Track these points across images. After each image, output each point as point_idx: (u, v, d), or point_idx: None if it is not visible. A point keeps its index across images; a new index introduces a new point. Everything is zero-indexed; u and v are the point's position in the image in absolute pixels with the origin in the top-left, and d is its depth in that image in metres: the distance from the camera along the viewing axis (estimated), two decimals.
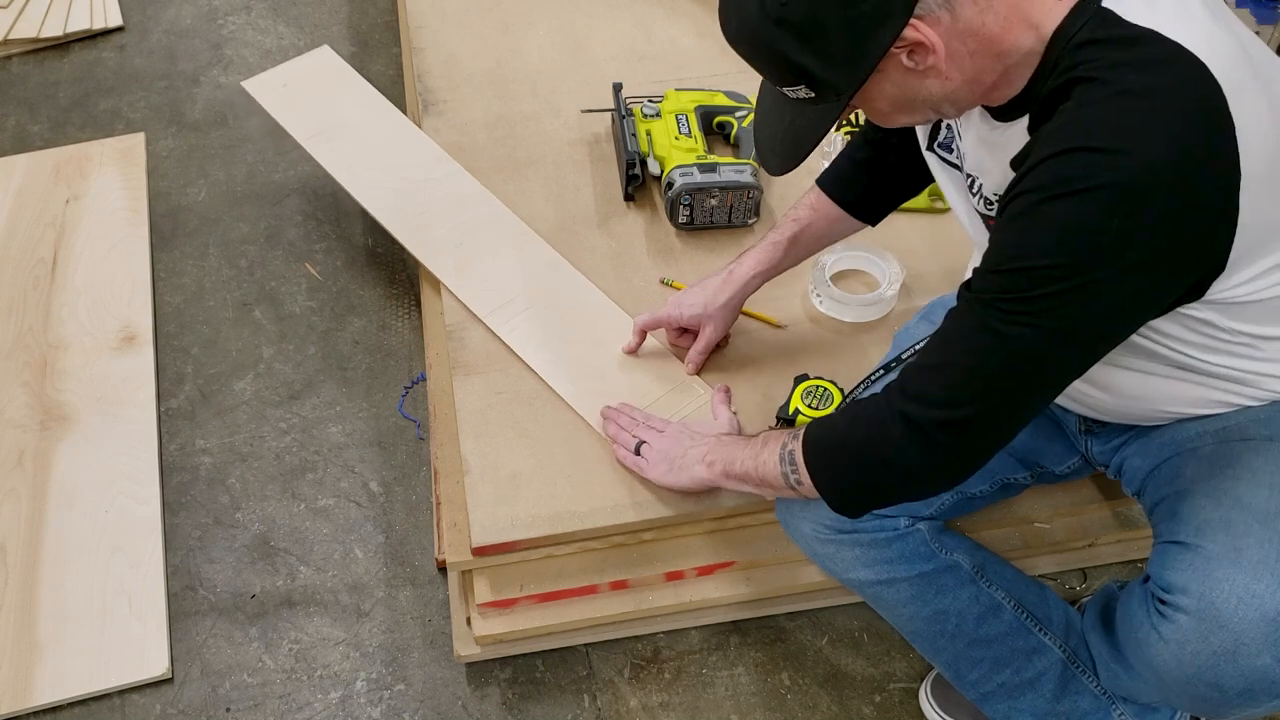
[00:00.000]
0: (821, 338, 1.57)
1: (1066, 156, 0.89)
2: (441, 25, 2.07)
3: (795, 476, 1.14)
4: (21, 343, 1.85)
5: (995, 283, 0.94)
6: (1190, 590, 1.03)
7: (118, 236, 2.03)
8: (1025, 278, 0.92)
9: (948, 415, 0.99)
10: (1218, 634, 1.01)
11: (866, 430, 1.06)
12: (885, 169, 1.39)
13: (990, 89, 0.99)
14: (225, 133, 2.26)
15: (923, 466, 1.04)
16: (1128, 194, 0.87)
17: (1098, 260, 0.89)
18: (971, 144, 1.11)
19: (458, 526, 1.39)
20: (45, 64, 2.42)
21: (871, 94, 1.00)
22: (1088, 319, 0.93)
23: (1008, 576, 1.29)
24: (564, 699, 1.47)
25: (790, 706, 1.47)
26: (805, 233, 1.43)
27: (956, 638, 1.26)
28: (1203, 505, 1.07)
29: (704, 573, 1.44)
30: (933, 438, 1.01)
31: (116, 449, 1.72)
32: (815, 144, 1.03)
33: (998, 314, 0.94)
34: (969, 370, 0.98)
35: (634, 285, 1.63)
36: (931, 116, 1.05)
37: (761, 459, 1.19)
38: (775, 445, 1.18)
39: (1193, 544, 1.05)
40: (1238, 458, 1.09)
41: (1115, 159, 0.87)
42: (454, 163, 1.81)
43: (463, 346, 1.55)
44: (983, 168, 1.10)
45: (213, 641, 1.54)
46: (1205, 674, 1.03)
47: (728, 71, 1.94)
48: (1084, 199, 0.88)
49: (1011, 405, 1.00)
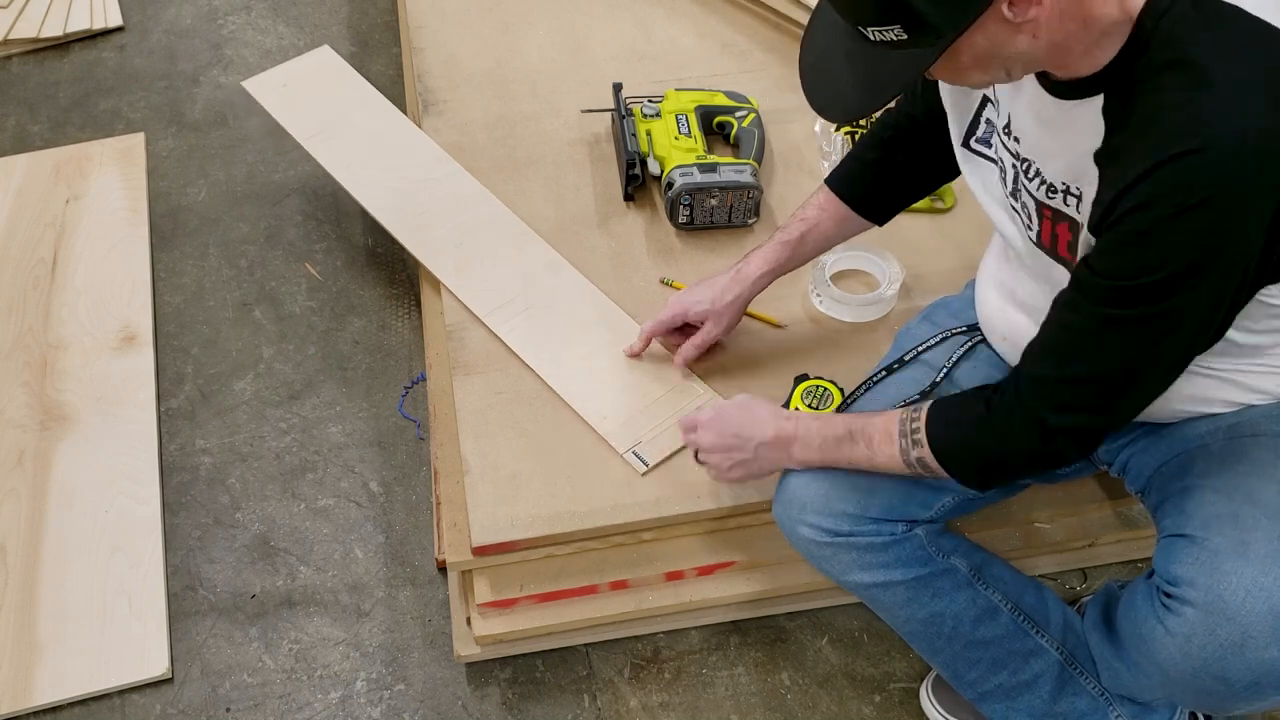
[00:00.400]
0: (821, 338, 1.57)
1: (1181, 163, 0.90)
2: (441, 25, 2.07)
3: (930, 475, 1.17)
4: (21, 343, 1.85)
5: (1129, 296, 0.96)
6: (1197, 583, 1.03)
7: (118, 236, 2.03)
8: (1163, 287, 0.94)
9: (1099, 421, 1.05)
10: (1225, 627, 1.01)
11: (1016, 445, 1.09)
12: (894, 169, 1.38)
13: (1068, 57, 0.97)
14: (225, 133, 2.26)
15: (1071, 455, 1.10)
16: (1246, 189, 0.89)
17: (1229, 255, 0.93)
18: (1026, 124, 1.08)
19: (458, 526, 1.39)
20: (45, 64, 2.42)
21: (962, 45, 0.94)
22: (1219, 305, 0.98)
23: (1006, 578, 1.29)
24: (564, 699, 1.47)
25: (790, 706, 1.47)
26: (813, 232, 1.42)
27: (953, 640, 1.26)
28: (1210, 500, 1.08)
29: (704, 573, 1.44)
30: (1083, 436, 1.07)
31: (116, 449, 1.72)
32: (898, 92, 0.98)
33: (1138, 326, 0.98)
34: (1117, 380, 1.02)
35: (634, 285, 1.63)
36: (1002, 78, 1.01)
37: (877, 463, 1.19)
38: (891, 450, 1.17)
39: (1200, 538, 1.06)
40: (1247, 453, 1.10)
41: (1229, 159, 0.88)
42: (454, 163, 1.81)
43: (463, 346, 1.55)
44: (1043, 150, 1.08)
45: (213, 641, 1.54)
46: (1211, 667, 1.03)
47: (728, 71, 1.95)
48: (1208, 208, 0.90)
49: (1151, 394, 1.05)
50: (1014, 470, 1.15)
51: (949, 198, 1.73)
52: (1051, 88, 1.03)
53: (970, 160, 1.21)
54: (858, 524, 1.23)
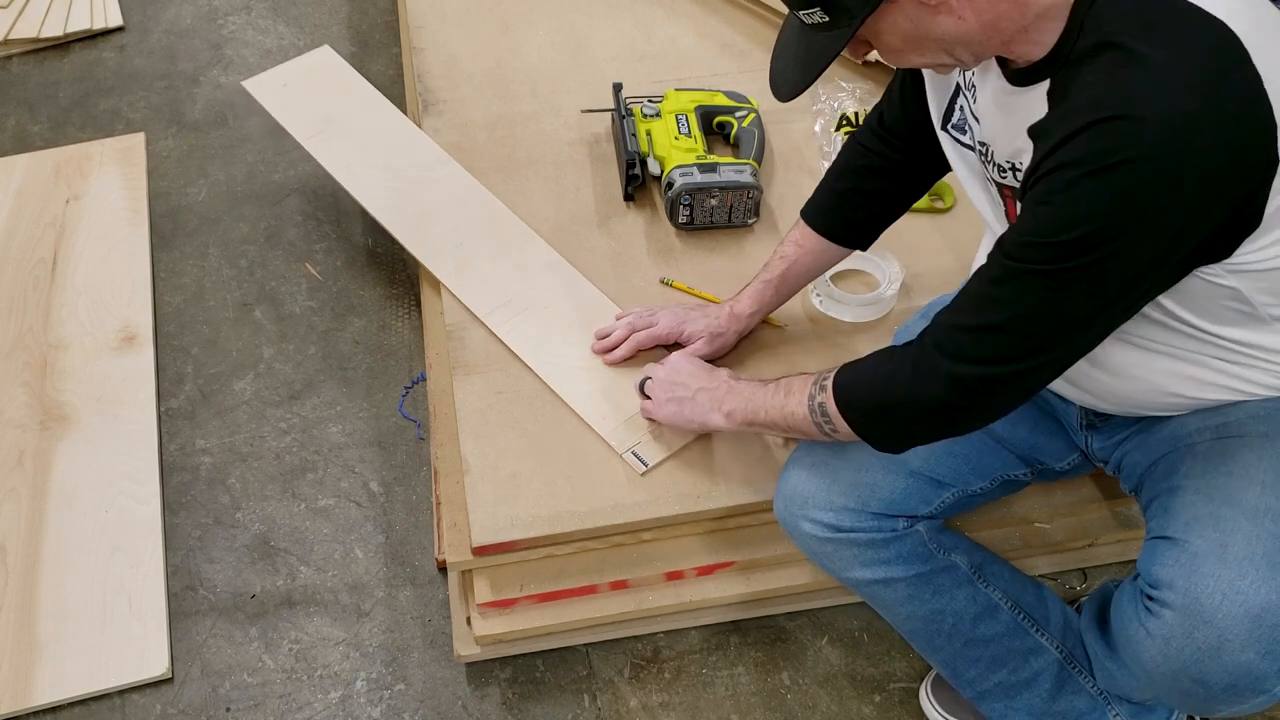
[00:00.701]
0: (821, 338, 1.57)
1: (1100, 127, 0.90)
2: (441, 25, 2.07)
3: (830, 426, 1.17)
4: (21, 343, 1.85)
5: (1041, 253, 0.96)
6: (1176, 586, 1.04)
7: (118, 236, 2.03)
8: (1074, 246, 0.94)
9: (994, 372, 1.03)
10: (1202, 630, 1.01)
11: (907, 389, 1.09)
12: (866, 197, 1.40)
13: (1010, 41, 0.99)
14: (225, 133, 2.26)
15: (965, 413, 1.08)
16: (1166, 160, 0.89)
17: (1146, 224, 0.92)
18: (986, 108, 1.11)
19: (458, 526, 1.39)
20: (45, 64, 2.42)
21: (883, 25, 1.00)
22: (1134, 276, 0.97)
23: (1006, 577, 1.30)
24: (564, 699, 1.47)
25: (790, 706, 1.47)
26: (794, 268, 1.46)
27: (953, 637, 1.26)
28: (1193, 501, 1.08)
29: (704, 573, 1.44)
30: (975, 390, 1.05)
31: (116, 449, 1.72)
32: (821, 70, 1.04)
33: (1044, 281, 0.97)
34: (1018, 333, 1.01)
35: (634, 285, 1.63)
36: (946, 60, 1.04)
37: (789, 409, 1.21)
38: (801, 396, 1.20)
39: (1180, 539, 1.06)
40: (1232, 454, 1.09)
41: (1150, 128, 0.88)
42: (454, 163, 1.81)
43: (463, 346, 1.55)
44: (995, 133, 1.10)
45: (213, 641, 1.54)
46: (1190, 670, 1.03)
47: (728, 71, 1.95)
48: (1125, 171, 0.89)
49: (1055, 361, 1.03)
50: (909, 420, 1.12)
51: (949, 197, 1.74)
52: (1009, 75, 1.05)
53: (949, 144, 1.23)
54: (859, 519, 1.23)
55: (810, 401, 1.18)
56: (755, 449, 1.43)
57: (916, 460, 1.25)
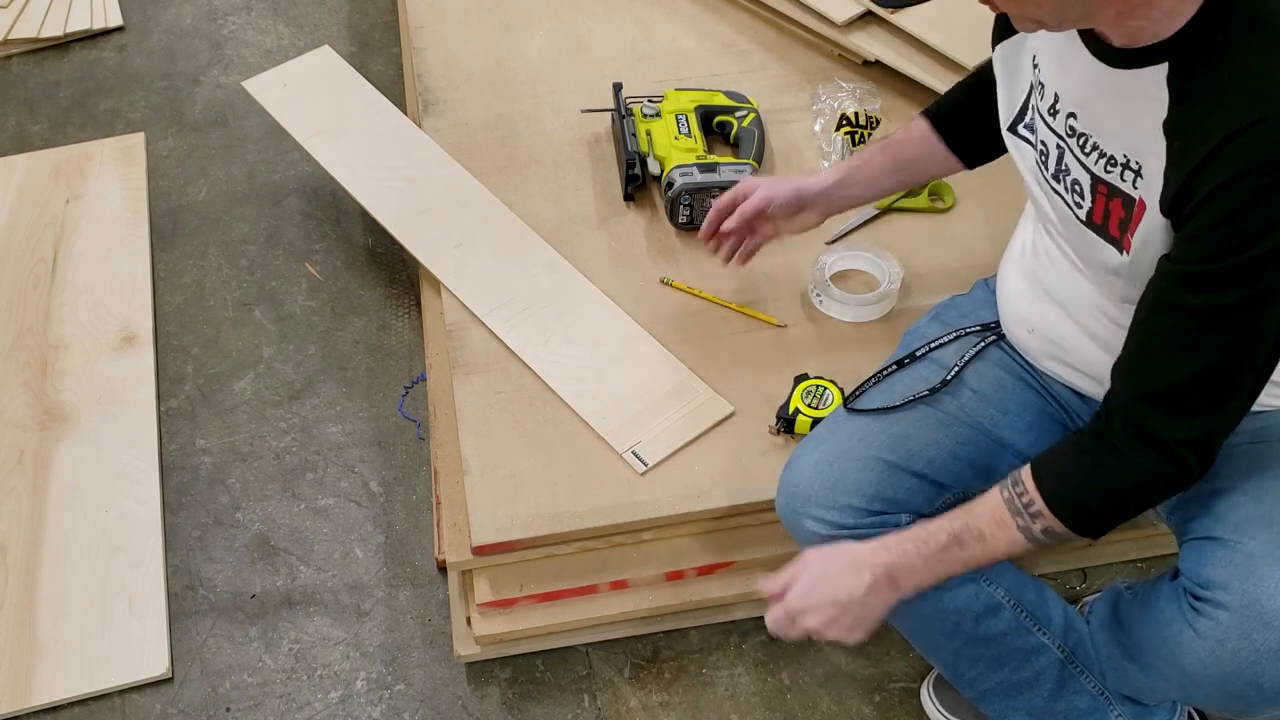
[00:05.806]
0: (821, 337, 1.57)
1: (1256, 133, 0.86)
2: (441, 25, 2.07)
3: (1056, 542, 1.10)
4: (21, 343, 1.85)
5: (1231, 277, 0.92)
6: (1231, 586, 1.02)
7: (118, 236, 2.02)
8: (1260, 263, 0.90)
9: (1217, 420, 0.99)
10: (1261, 631, 1.00)
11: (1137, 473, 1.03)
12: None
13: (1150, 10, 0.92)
14: (225, 133, 2.26)
15: (1200, 468, 1.03)
16: None
17: None
18: (1087, 97, 1.04)
19: (458, 526, 1.40)
20: (45, 64, 2.42)
21: None
22: None
23: (1008, 575, 1.29)
24: (564, 699, 1.47)
25: (790, 706, 1.47)
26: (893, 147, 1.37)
27: (955, 636, 1.26)
28: (1241, 502, 1.07)
29: (704, 573, 1.44)
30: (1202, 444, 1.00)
31: (116, 449, 1.72)
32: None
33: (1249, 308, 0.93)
34: (1230, 370, 0.97)
35: (634, 285, 1.63)
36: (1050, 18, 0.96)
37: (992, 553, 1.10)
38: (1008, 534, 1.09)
39: (1231, 540, 1.05)
40: (1276, 458, 1.09)
41: None
42: (454, 163, 1.81)
43: (463, 346, 1.55)
44: (1102, 122, 1.03)
45: (213, 641, 1.54)
46: (1244, 671, 1.02)
47: (728, 71, 1.94)
48: None
49: (1262, 383, 0.99)
50: (1144, 500, 1.07)
51: (949, 197, 1.73)
52: (1108, 58, 0.99)
53: (1015, 144, 1.19)
54: (862, 517, 1.22)
55: (1026, 534, 1.08)
56: (755, 449, 1.43)
57: (919, 462, 1.24)
